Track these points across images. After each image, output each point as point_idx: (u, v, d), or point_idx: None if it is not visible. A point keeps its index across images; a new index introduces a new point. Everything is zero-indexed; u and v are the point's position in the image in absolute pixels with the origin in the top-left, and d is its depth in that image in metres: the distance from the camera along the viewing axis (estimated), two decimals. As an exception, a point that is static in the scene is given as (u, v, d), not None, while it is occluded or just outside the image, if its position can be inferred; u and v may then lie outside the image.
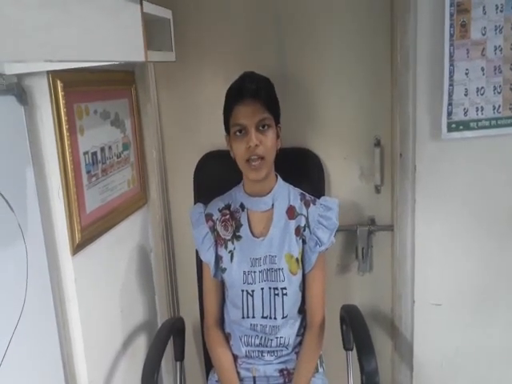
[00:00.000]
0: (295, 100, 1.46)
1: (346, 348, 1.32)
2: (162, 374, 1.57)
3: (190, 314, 1.52)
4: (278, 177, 1.24)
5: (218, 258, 1.24)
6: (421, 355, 1.40)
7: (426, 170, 1.32)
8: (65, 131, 1.01)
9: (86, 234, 1.09)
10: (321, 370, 1.27)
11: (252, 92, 1.11)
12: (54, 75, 0.98)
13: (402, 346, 1.45)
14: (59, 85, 1.00)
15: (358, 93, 1.45)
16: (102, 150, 1.20)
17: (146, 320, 1.46)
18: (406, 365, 1.45)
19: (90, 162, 1.12)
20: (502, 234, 1.32)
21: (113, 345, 1.25)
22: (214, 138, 1.37)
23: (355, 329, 1.22)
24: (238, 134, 1.13)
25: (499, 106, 1.27)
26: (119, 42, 0.85)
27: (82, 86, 1.12)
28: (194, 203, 1.39)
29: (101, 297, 1.18)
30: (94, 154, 1.15)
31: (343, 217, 1.28)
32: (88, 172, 1.12)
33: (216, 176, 1.43)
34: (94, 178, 1.14)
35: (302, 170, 1.39)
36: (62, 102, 1.01)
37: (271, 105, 1.15)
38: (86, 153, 1.11)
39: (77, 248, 1.05)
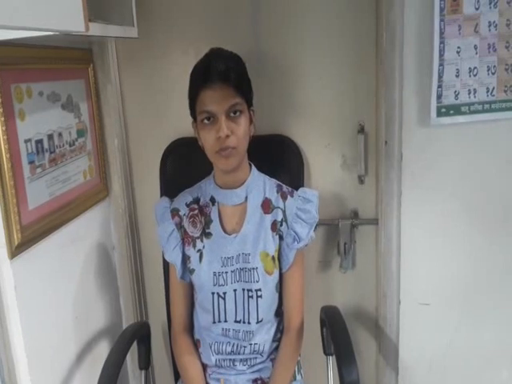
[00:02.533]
0: (271, 81, 1.34)
1: (327, 353, 1.23)
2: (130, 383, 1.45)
3: (159, 318, 1.41)
4: (252, 167, 1.13)
5: (185, 258, 1.13)
6: (407, 357, 1.32)
7: (414, 159, 1.23)
8: (-2, 115, 0.87)
9: (29, 233, 0.95)
10: (298, 377, 1.18)
11: (221, 74, 0.99)
12: (-17, 49, 0.84)
13: (387, 347, 1.37)
14: (-10, 61, 0.86)
15: (339, 74, 1.34)
16: (50, 137, 1.06)
17: (109, 326, 1.34)
18: (391, 368, 1.37)
19: (33, 151, 0.99)
20: (495, 228, 1.24)
21: (66, 355, 1.12)
22: (183, 123, 1.23)
23: (335, 334, 1.12)
24: (205, 121, 1.02)
25: (493, 89, 1.17)
26: (52, 8, 0.71)
27: (22, 64, 0.97)
28: (161, 196, 1.28)
29: (50, 303, 1.05)
30: (39, 141, 1.01)
31: (324, 210, 1.20)
32: (31, 163, 0.98)
33: (185, 166, 1.32)
34: (39, 170, 1.01)
35: (278, 159, 1.29)
36: (-7, 81, 0.86)
37: (243, 87, 1.03)
38: (28, 141, 0.97)
39: (17, 250, 0.91)
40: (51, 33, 0.74)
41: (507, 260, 1.26)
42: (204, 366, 1.14)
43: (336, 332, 1.13)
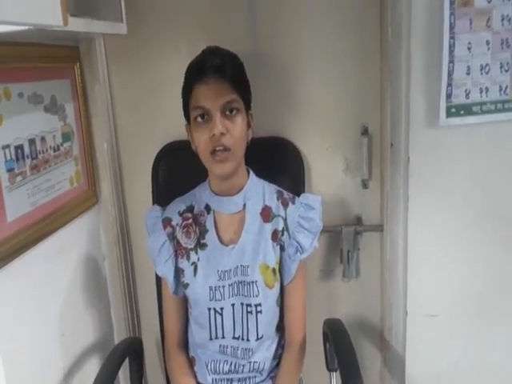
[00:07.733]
0: (269, 80, 1.28)
1: (330, 369, 1.17)
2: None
3: (152, 334, 1.35)
4: (251, 172, 1.07)
5: (178, 272, 1.06)
6: (414, 372, 1.26)
7: (421, 162, 1.17)
8: (-29, 120, 0.80)
9: (8, 248, 0.88)
10: (301, 395, 1.12)
11: (216, 68, 0.94)
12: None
13: (393, 361, 1.31)
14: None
15: (341, 72, 1.28)
16: (32, 142, 0.98)
17: (100, 342, 1.27)
18: (397, 382, 1.31)
19: (12, 157, 0.92)
20: (508, 235, 1.18)
21: (53, 375, 1.05)
22: (177, 125, 1.17)
23: (339, 348, 1.07)
24: (199, 119, 0.96)
25: (506, 87, 1.10)
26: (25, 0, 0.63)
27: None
28: (153, 203, 1.21)
29: (32, 321, 0.98)
30: (19, 147, 0.94)
31: (326, 216, 1.13)
32: (10, 170, 0.91)
33: (179, 170, 1.25)
34: (19, 178, 0.93)
35: (278, 163, 1.23)
36: (-35, 82, 0.79)
37: (240, 84, 0.98)
38: (6, 147, 0.90)
39: (-6, 267, 0.84)
40: (24, 27, 0.67)
41: (520, 268, 1.20)
42: (200, 386, 1.08)
43: (340, 346, 1.07)
